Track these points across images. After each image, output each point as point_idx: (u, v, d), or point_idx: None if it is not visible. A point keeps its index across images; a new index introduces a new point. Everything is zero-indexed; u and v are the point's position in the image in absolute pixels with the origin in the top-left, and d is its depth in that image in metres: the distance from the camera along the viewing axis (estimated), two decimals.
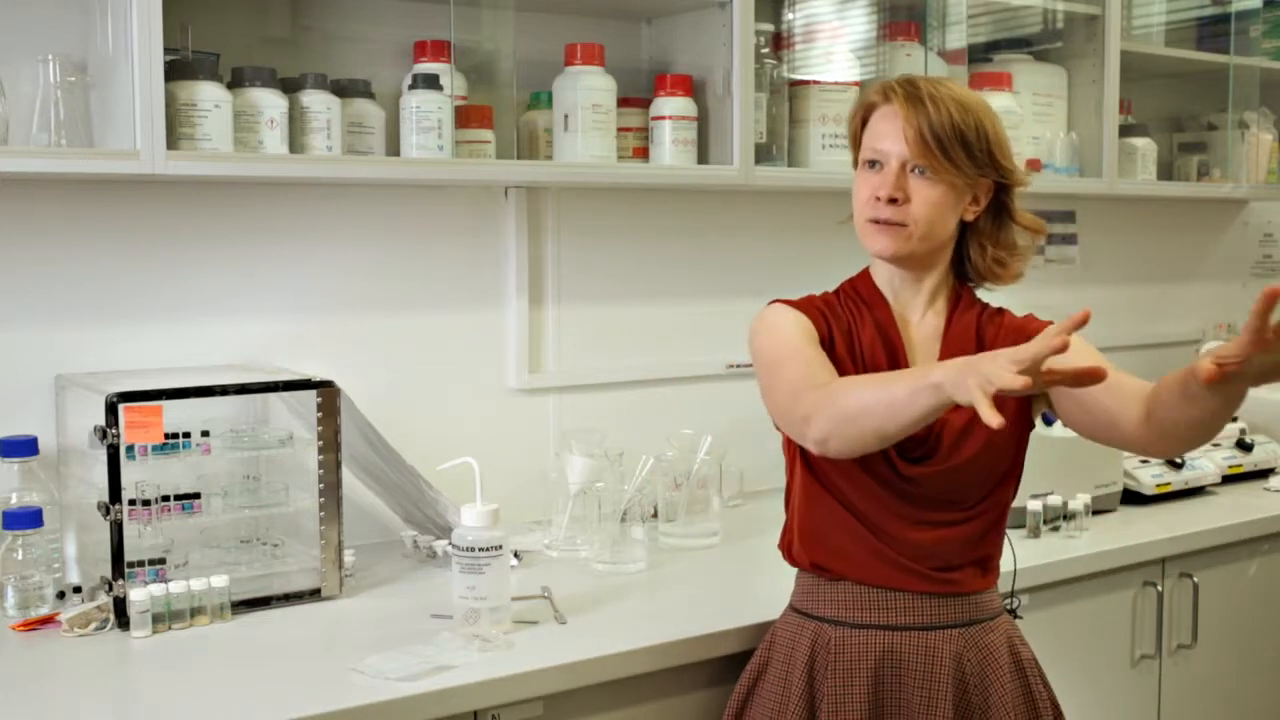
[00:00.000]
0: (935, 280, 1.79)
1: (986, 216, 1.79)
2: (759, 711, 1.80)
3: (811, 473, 1.77)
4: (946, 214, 1.73)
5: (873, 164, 1.74)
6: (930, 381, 1.47)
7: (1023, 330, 1.76)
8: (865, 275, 1.83)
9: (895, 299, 1.80)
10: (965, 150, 1.70)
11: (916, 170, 1.71)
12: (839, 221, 1.85)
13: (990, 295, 1.85)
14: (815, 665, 1.76)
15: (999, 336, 1.77)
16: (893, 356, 1.76)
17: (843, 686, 1.73)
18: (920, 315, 1.80)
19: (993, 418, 1.36)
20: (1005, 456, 1.76)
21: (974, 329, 1.78)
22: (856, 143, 1.80)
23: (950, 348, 1.76)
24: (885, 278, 1.81)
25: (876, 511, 1.73)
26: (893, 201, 1.70)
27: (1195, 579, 2.53)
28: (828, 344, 1.75)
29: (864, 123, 1.78)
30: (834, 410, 1.57)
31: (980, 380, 1.39)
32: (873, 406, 1.53)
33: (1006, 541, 1.84)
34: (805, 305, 1.80)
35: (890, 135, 1.72)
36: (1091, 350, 1.69)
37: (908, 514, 1.73)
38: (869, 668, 1.73)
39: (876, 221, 1.72)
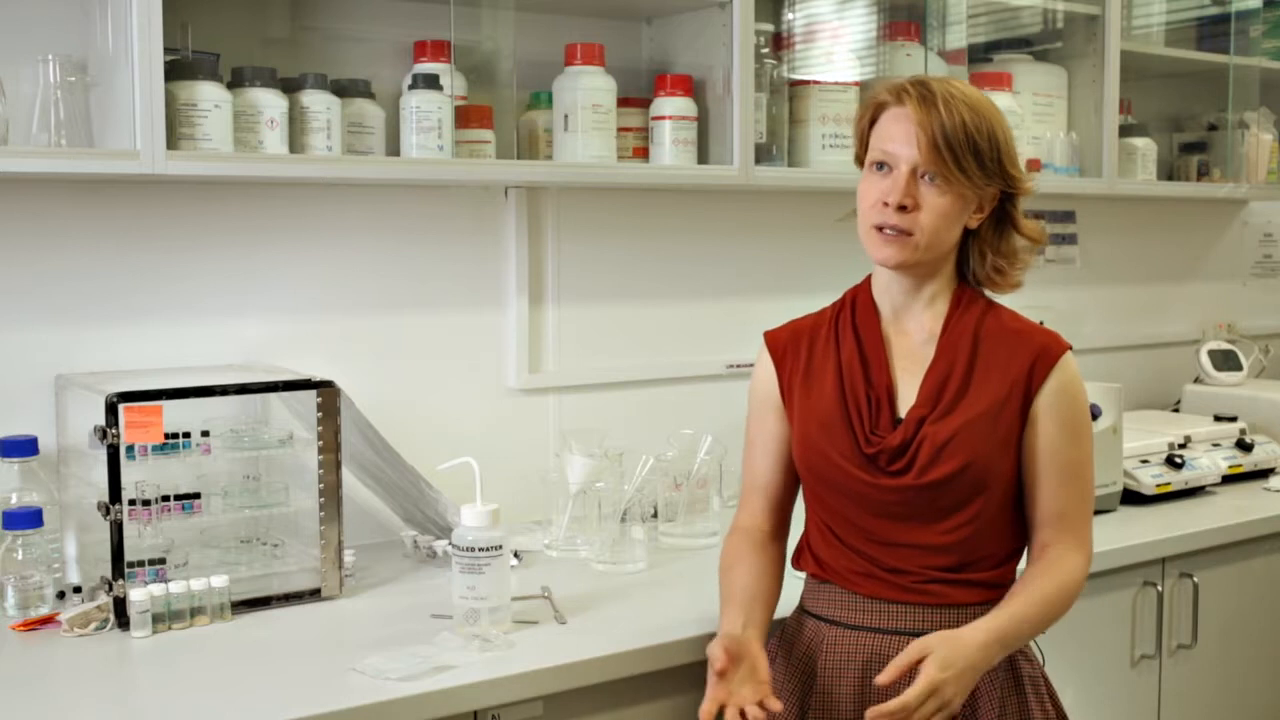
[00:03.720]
0: (936, 286, 1.76)
1: (989, 224, 1.76)
2: None
3: (807, 483, 1.82)
4: (953, 223, 1.71)
5: (880, 166, 1.70)
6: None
7: (1017, 336, 1.74)
8: (866, 283, 1.83)
9: (891, 305, 1.79)
10: (977, 159, 1.67)
11: (927, 177, 1.67)
12: (836, 219, 1.85)
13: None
14: (811, 660, 1.77)
15: (996, 341, 1.74)
16: (868, 373, 1.75)
17: (832, 683, 1.74)
18: (917, 320, 1.77)
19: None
20: (990, 487, 1.70)
21: (971, 332, 1.74)
22: (863, 142, 1.76)
23: (945, 352, 1.74)
24: (883, 284, 1.79)
25: (854, 524, 1.74)
26: (901, 209, 1.67)
27: (1195, 579, 2.53)
28: (786, 390, 1.82)
29: (872, 122, 1.74)
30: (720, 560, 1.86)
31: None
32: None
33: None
34: (787, 340, 1.84)
35: (901, 138, 1.68)
36: (1066, 467, 1.73)
37: (882, 527, 1.72)
38: (858, 667, 1.73)
39: (882, 229, 1.69)
